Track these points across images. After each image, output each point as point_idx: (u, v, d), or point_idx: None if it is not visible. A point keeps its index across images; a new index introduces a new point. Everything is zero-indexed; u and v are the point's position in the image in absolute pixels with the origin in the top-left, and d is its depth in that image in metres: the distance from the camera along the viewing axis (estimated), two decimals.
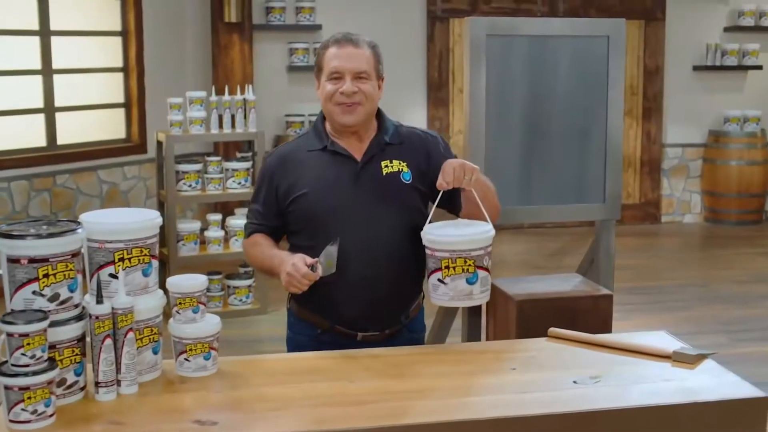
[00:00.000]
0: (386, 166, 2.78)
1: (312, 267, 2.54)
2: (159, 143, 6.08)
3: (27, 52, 7.14)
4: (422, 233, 2.63)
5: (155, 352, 2.38)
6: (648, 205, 9.18)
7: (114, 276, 2.28)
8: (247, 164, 6.16)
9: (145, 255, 2.32)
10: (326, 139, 2.80)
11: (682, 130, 9.19)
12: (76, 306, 2.23)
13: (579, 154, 3.79)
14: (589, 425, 2.18)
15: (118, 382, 2.27)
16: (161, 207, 6.13)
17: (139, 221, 2.32)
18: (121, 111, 7.88)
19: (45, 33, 7.22)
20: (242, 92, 6.21)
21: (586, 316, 3.52)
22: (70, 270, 2.19)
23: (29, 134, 7.20)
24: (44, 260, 2.15)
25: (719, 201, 9.13)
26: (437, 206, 2.79)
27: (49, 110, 7.30)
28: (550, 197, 3.79)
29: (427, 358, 2.55)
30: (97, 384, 2.24)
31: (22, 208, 7.04)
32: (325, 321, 2.79)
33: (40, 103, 7.24)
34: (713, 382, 2.36)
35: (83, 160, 7.41)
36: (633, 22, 8.81)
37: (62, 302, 2.19)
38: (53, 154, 7.27)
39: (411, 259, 2.79)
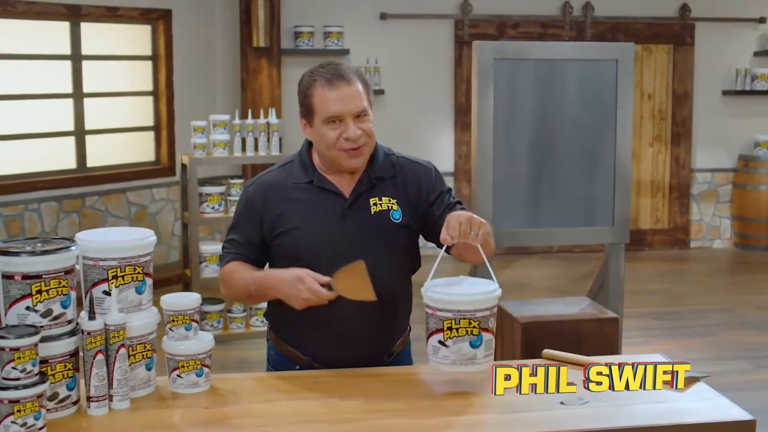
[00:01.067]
0: (375, 204, 2.66)
1: (327, 286, 2.47)
2: (183, 166, 6.17)
3: (59, 77, 7.28)
4: (423, 290, 2.43)
5: (149, 369, 2.42)
6: (677, 230, 9.11)
7: (107, 293, 2.33)
8: None
9: (139, 273, 2.37)
10: (313, 172, 2.67)
11: (711, 155, 9.14)
12: (69, 322, 2.28)
13: (587, 176, 3.81)
14: None
15: (111, 397, 2.31)
16: (185, 229, 6.21)
17: (132, 240, 2.37)
18: (151, 134, 8.00)
19: (76, 57, 7.37)
20: (266, 116, 6.29)
21: (592, 339, 3.53)
22: (63, 287, 2.25)
23: (60, 156, 7.33)
24: (37, 277, 2.20)
25: (749, 226, 9.05)
26: (426, 238, 2.70)
27: (80, 133, 7.44)
28: (558, 220, 3.81)
29: (418, 378, 2.57)
30: (89, 398, 2.28)
31: (52, 228, 7.16)
32: (303, 357, 2.70)
33: (70, 126, 7.38)
34: (702, 405, 2.35)
35: (112, 182, 7.54)
36: (662, 46, 8.81)
37: (55, 318, 2.24)
38: (83, 176, 7.40)
39: (398, 299, 2.71)
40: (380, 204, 2.66)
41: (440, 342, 2.41)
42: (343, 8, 8.48)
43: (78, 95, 7.40)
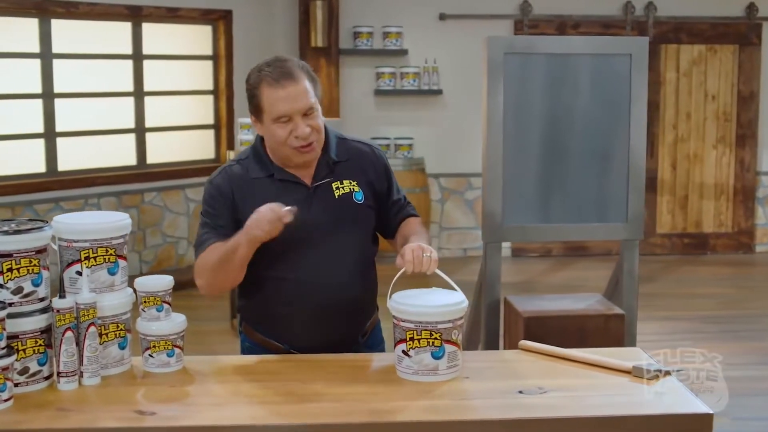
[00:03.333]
0: (338, 188, 2.71)
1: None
2: None
3: (120, 76, 7.50)
4: (388, 302, 2.49)
5: (122, 347, 2.50)
6: (741, 234, 8.90)
7: (80, 273, 2.42)
8: None
9: (111, 255, 2.46)
10: (271, 166, 2.71)
11: None
12: (42, 299, 2.38)
13: (600, 172, 3.77)
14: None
15: (81, 374, 2.40)
16: None
17: (104, 223, 2.47)
18: (211, 132, 8.17)
19: (138, 57, 7.58)
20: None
21: (596, 335, 3.50)
22: (34, 265, 2.35)
23: (120, 153, 7.55)
24: (8, 255, 2.31)
25: None
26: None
27: (140, 130, 7.65)
28: (570, 216, 3.78)
29: (384, 364, 2.58)
30: (58, 374, 2.37)
31: None
32: (280, 346, 2.74)
33: (131, 124, 7.60)
34: (663, 398, 2.33)
35: (171, 179, 7.73)
36: (727, 47, 8.62)
37: (26, 295, 2.34)
38: (142, 172, 7.60)
39: (368, 279, 2.78)
40: (342, 187, 2.72)
41: (403, 351, 2.45)
42: (402, 9, 8.52)
43: (139, 94, 7.61)
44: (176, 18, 7.75)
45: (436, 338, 2.41)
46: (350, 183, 2.73)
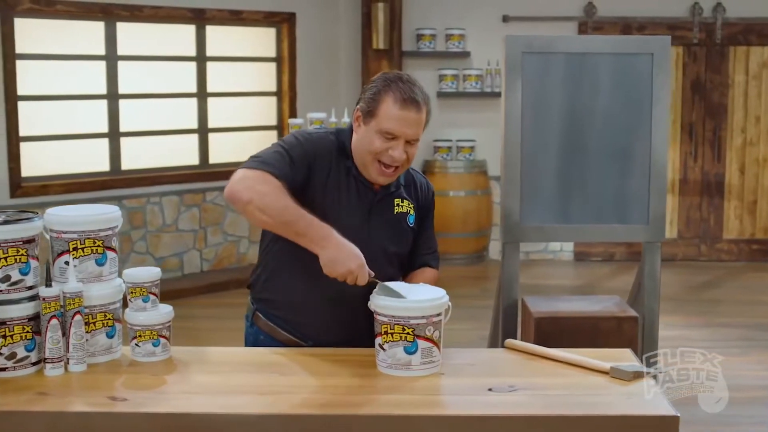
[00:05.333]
0: (398, 205, 2.81)
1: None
2: None
3: (184, 77, 7.68)
4: (371, 295, 2.53)
5: (110, 336, 2.58)
6: None
7: (68, 263, 2.50)
8: None
9: (99, 246, 2.54)
10: (351, 161, 2.74)
11: None
12: (30, 288, 2.47)
13: (621, 173, 3.73)
14: (477, 428, 2.19)
15: (68, 360, 2.49)
16: None
17: (92, 215, 2.55)
18: (274, 133, 8.30)
19: (201, 59, 7.75)
20: None
21: (609, 337, 3.48)
22: (22, 255, 2.44)
23: (183, 153, 7.73)
24: None
25: None
26: None
27: (203, 131, 7.81)
28: (589, 216, 3.74)
29: (367, 359, 2.59)
30: (44, 360, 2.46)
31: (173, 221, 7.56)
32: (303, 343, 2.76)
33: (194, 124, 7.77)
34: (633, 399, 2.31)
35: None
36: None
37: (13, 283, 2.43)
38: (205, 172, 7.77)
39: (392, 273, 2.79)
40: (402, 206, 2.82)
41: (379, 345, 2.48)
42: (465, 11, 8.53)
43: (202, 95, 7.78)
44: (239, 21, 7.90)
45: (408, 333, 2.43)
46: (409, 204, 2.83)
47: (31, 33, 6.80)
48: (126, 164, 7.38)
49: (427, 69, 8.56)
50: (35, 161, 6.87)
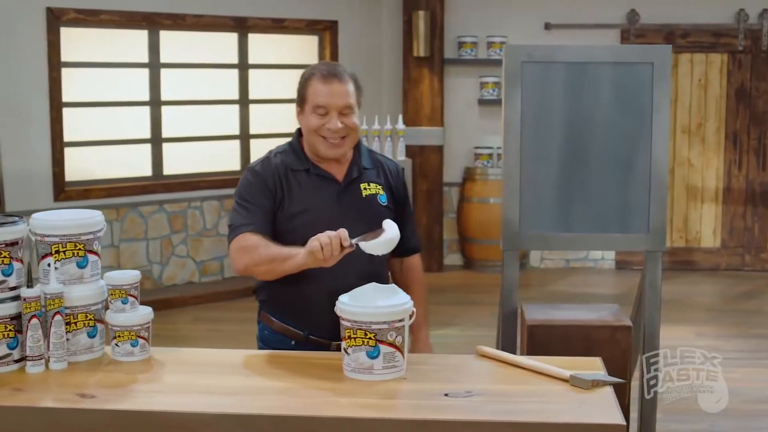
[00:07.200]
0: (365, 188, 2.99)
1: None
2: None
3: (226, 84, 7.84)
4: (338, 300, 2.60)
5: (91, 336, 2.69)
6: None
7: (50, 265, 2.62)
8: None
9: (80, 249, 2.65)
10: (307, 161, 2.96)
11: None
12: (12, 288, 2.59)
13: (621, 182, 3.72)
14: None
15: (49, 358, 2.60)
16: None
17: (73, 219, 2.66)
18: None
19: (243, 66, 7.90)
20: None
21: (603, 346, 3.47)
22: (5, 257, 2.56)
23: (224, 159, 7.88)
24: None
25: None
26: None
27: (244, 137, 7.96)
28: (590, 226, 3.74)
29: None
30: (25, 358, 2.58)
31: (212, 226, 7.71)
32: (300, 333, 2.94)
33: (236, 131, 7.92)
34: (585, 407, 2.33)
35: None
36: None
37: None
38: None
39: (382, 270, 2.99)
40: (369, 189, 3.00)
41: (344, 349, 2.55)
42: (507, 18, 8.54)
43: (244, 102, 7.93)
44: (281, 29, 8.02)
45: (370, 338, 2.49)
46: (376, 186, 3.01)
47: (76, 42, 7.01)
48: (168, 169, 7.56)
49: (468, 76, 8.60)
50: (79, 166, 7.08)
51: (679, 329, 6.40)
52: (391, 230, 2.71)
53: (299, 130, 3.03)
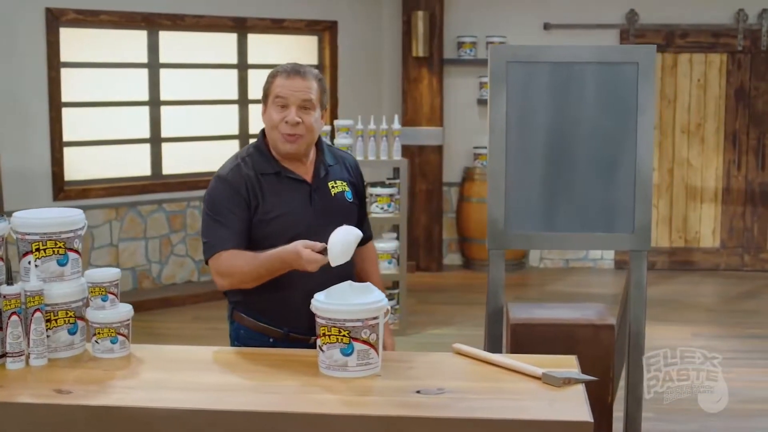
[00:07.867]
0: (333, 187, 3.05)
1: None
2: None
3: (225, 85, 7.87)
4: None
5: (71, 333, 2.72)
6: None
7: (31, 263, 2.65)
8: (392, 190, 6.43)
9: (60, 247, 2.68)
10: (275, 163, 2.98)
11: None
12: None
13: (606, 182, 3.74)
14: (397, 428, 2.27)
15: (29, 355, 2.63)
16: None
17: (52, 218, 2.70)
18: None
19: (242, 66, 7.93)
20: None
21: (585, 345, 3.50)
22: None
23: (223, 158, 7.83)
24: None
25: None
26: None
27: (243, 137, 7.99)
28: (575, 225, 3.76)
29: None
30: (5, 354, 2.61)
31: None
32: (279, 330, 2.97)
33: (235, 130, 7.95)
34: (555, 405, 2.35)
35: None
36: None
37: None
38: None
39: (352, 266, 3.01)
40: (337, 186, 3.07)
41: (319, 346, 2.58)
42: (506, 19, 8.54)
43: (243, 102, 7.96)
44: (281, 29, 8.05)
45: (344, 335, 2.52)
46: (342, 183, 3.08)
47: (75, 42, 7.05)
48: (167, 169, 7.59)
49: (467, 76, 8.61)
50: (78, 165, 7.12)
51: (678, 329, 6.42)
52: (346, 234, 2.75)
53: (263, 131, 3.04)
